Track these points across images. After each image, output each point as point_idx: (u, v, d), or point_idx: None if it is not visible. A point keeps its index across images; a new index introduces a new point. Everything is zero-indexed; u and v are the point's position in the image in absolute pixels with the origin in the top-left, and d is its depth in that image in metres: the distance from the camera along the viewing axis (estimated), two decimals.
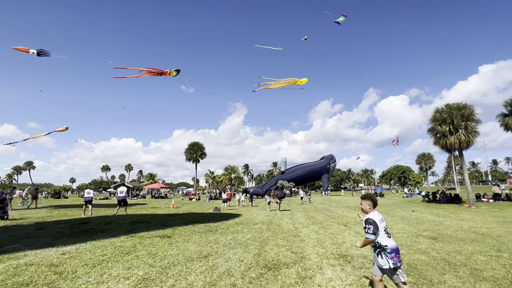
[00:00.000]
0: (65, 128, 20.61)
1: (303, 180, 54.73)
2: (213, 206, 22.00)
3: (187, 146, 38.12)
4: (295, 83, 16.88)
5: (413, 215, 15.23)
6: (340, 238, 8.56)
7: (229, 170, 53.06)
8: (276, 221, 12.62)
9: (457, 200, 24.52)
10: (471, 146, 20.63)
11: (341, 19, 18.29)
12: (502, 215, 14.32)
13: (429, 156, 52.26)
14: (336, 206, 22.70)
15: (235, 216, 15.01)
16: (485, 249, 6.91)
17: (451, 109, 20.81)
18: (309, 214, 16.42)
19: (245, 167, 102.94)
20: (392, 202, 28.12)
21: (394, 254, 3.43)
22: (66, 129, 20.52)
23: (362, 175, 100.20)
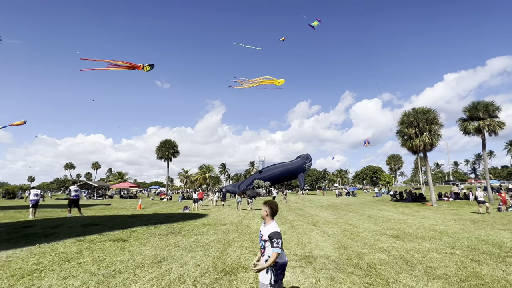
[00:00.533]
0: (23, 122, 18.86)
1: (280, 179, 54.93)
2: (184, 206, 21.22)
3: (159, 144, 36.40)
4: (272, 83, 17.01)
5: (380, 213, 15.73)
6: (306, 238, 8.46)
7: (203, 169, 51.78)
8: (246, 222, 12.34)
9: (421, 199, 25.92)
10: (434, 148, 21.87)
11: (315, 23, 18.55)
12: (459, 213, 15.24)
13: (398, 157, 55.15)
14: (309, 206, 22.95)
15: (204, 216, 14.51)
16: (441, 247, 7.14)
17: (417, 113, 21.90)
18: (281, 213, 16.35)
19: (222, 166, 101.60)
20: (363, 201, 29.09)
21: (281, 271, 3.12)
22: (24, 123, 18.86)
23: (337, 175, 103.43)
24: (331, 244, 7.61)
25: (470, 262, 5.72)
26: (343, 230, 9.95)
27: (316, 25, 18.54)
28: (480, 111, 21.97)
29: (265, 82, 17.07)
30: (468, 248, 6.97)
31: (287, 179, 57.29)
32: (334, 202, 27.11)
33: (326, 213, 16.22)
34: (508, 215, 13.93)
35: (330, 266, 5.60)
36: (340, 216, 14.49)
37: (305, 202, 27.73)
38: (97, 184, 39.66)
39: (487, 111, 21.79)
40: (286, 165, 52.26)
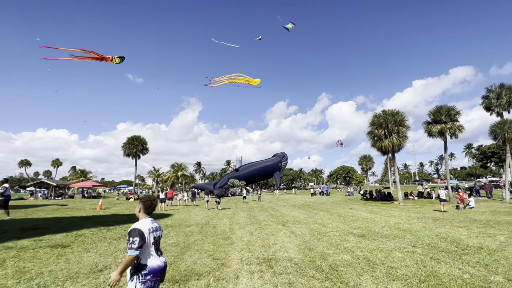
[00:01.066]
0: None
1: (256, 178, 54.45)
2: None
3: (126, 140, 34.15)
4: (248, 82, 16.97)
5: (350, 212, 15.94)
6: (273, 239, 8.12)
7: (176, 167, 49.83)
8: (213, 222, 11.78)
9: (389, 198, 26.97)
10: (402, 149, 22.78)
11: (290, 26, 18.68)
12: (422, 211, 15.89)
13: (369, 158, 57.49)
14: (282, 205, 22.86)
15: (169, 217, 13.72)
16: (403, 245, 7.14)
17: (386, 115, 22.67)
18: (252, 213, 15.98)
19: (197, 165, 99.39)
20: (335, 200, 29.68)
21: (151, 277, 2.59)
22: None
23: (312, 175, 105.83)
24: (296, 245, 7.33)
25: (430, 261, 5.69)
26: (312, 230, 9.77)
27: (290, 28, 18.73)
28: (442, 114, 23.28)
29: (240, 80, 17.03)
30: (428, 246, 7.03)
31: (263, 177, 57.05)
32: (307, 201, 27.33)
33: (297, 213, 16.12)
34: (465, 213, 14.74)
35: (291, 269, 5.26)
36: (311, 216, 14.42)
37: (279, 202, 27.67)
38: (56, 183, 36.39)
39: (449, 115, 23.14)
40: (262, 163, 51.92)
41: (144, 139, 34.48)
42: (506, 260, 5.69)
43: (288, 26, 18.62)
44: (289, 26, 18.63)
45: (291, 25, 18.64)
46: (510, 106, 26.77)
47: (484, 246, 6.88)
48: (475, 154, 55.29)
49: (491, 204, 19.39)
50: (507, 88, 26.86)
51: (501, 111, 27.16)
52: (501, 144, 24.70)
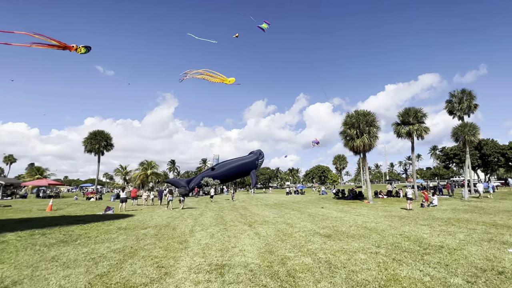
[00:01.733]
0: None
1: (233, 176, 53.18)
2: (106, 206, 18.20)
3: (87, 135, 31.43)
4: (222, 81, 17.00)
5: (321, 211, 15.81)
6: (233, 242, 7.51)
7: (145, 165, 47.27)
8: (175, 224, 10.92)
9: (361, 197, 27.59)
10: (373, 149, 23.36)
11: (264, 26, 18.76)
12: (390, 210, 16.18)
13: (343, 158, 59.24)
14: (255, 204, 22.39)
15: (127, 218, 12.61)
16: (367, 246, 6.87)
17: (358, 115, 23.06)
18: (221, 213, 15.28)
19: (171, 163, 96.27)
20: (309, 199, 29.83)
21: None
22: None
23: (289, 174, 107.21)
24: (257, 248, 6.78)
25: (392, 263, 5.40)
26: (278, 230, 9.30)
27: (265, 27, 18.81)
28: (410, 116, 24.17)
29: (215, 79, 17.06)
30: (392, 246, 6.83)
31: (239, 175, 56.00)
32: (281, 201, 27.14)
33: (268, 212, 15.68)
34: (429, 211, 15.21)
35: (244, 277, 4.68)
36: (281, 215, 14.04)
37: (253, 201, 27.20)
38: (4, 182, 32.76)
39: (416, 117, 24.08)
40: (239, 161, 50.76)
41: (108, 134, 31.97)
42: (465, 259, 5.56)
43: (263, 26, 18.70)
44: (263, 26, 18.71)
45: (265, 25, 18.73)
46: (471, 110, 28.57)
47: (444, 245, 6.80)
48: (439, 155, 59.10)
49: (452, 202, 20.38)
50: (467, 93, 28.61)
51: (462, 115, 28.89)
52: (462, 146, 26.23)
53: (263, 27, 18.77)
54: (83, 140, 31.08)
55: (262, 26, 18.75)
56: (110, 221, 11.69)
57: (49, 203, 18.03)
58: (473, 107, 28.55)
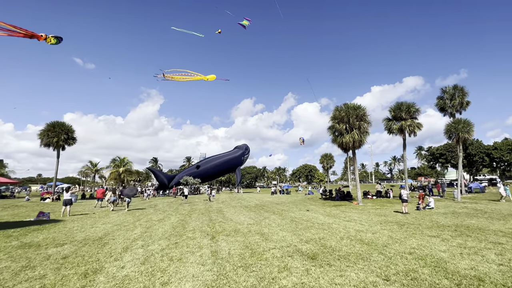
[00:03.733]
0: None
1: (216, 174, 49.53)
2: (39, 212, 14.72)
3: (45, 126, 27.16)
4: (201, 79, 16.86)
5: (305, 215, 13.58)
6: (171, 271, 5.01)
7: (117, 162, 43.26)
8: (114, 235, 8.27)
9: (349, 197, 25.73)
10: (363, 145, 21.39)
11: (245, 23, 18.51)
12: (383, 213, 14.17)
13: (330, 157, 57.68)
14: (233, 206, 19.92)
15: (55, 226, 9.80)
16: (371, 277, 4.59)
17: (348, 108, 21.05)
18: (187, 218, 12.70)
19: (154, 161, 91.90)
20: (294, 199, 27.70)
21: None
22: None
23: (276, 173, 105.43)
24: (203, 282, 4.34)
25: None
26: (246, 246, 6.89)
27: (247, 24, 18.58)
28: (403, 111, 22.44)
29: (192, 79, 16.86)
30: (407, 277, 4.58)
31: (224, 173, 52.38)
32: (264, 201, 24.82)
33: (244, 217, 13.27)
34: (428, 214, 13.31)
35: None
36: (258, 221, 11.66)
37: (233, 202, 24.71)
38: None
39: (409, 112, 22.38)
40: (224, 157, 47.27)
41: (70, 127, 27.86)
42: None
43: (244, 23, 18.44)
44: (244, 23, 18.45)
45: (246, 22, 18.48)
46: (463, 107, 27.37)
47: (481, 275, 4.63)
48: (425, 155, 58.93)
49: (446, 204, 18.75)
50: (459, 89, 27.40)
51: (454, 112, 27.64)
52: (455, 143, 24.88)
53: (244, 24, 18.47)
54: (39, 133, 27.19)
55: (243, 23, 18.45)
56: (27, 229, 8.91)
57: None
58: (465, 104, 27.36)
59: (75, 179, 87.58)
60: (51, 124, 27.34)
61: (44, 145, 27.09)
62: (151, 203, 24.84)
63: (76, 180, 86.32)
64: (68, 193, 14.05)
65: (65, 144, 28.09)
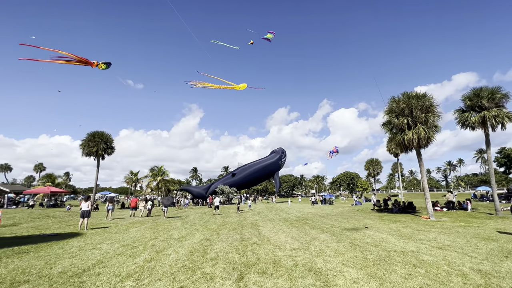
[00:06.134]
0: None
1: (254, 181, 46.65)
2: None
3: (86, 137, 27.84)
4: (232, 88, 16.99)
5: (367, 235, 10.08)
6: None
7: (155, 171, 43.34)
8: (107, 264, 5.97)
9: (411, 209, 21.00)
10: (431, 144, 16.98)
11: (269, 36, 18.55)
12: (482, 234, 9.93)
13: (377, 162, 51.50)
14: (270, 219, 16.97)
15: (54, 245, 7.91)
16: None
17: (409, 98, 16.94)
18: (214, 235, 10.12)
19: (193, 171, 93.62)
20: (340, 211, 23.71)
21: None
22: None
23: (314, 181, 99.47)
24: None
25: None
26: None
27: (271, 37, 18.64)
28: (484, 98, 17.52)
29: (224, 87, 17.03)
30: None
31: (262, 179, 49.31)
32: (305, 213, 21.40)
33: (285, 235, 10.27)
34: None
35: None
36: (305, 243, 8.59)
37: (270, 213, 21.74)
38: (9, 189, 30.77)
39: (493, 98, 17.39)
40: (261, 163, 44.46)
41: (108, 136, 28.31)
42: None
43: (268, 37, 18.58)
44: (268, 36, 18.58)
45: (270, 35, 18.59)
46: None
47: None
48: (497, 157, 49.17)
49: None
50: None
51: None
52: None
53: (268, 37, 18.58)
54: (81, 143, 27.95)
55: (267, 37, 18.56)
56: (17, 250, 7.16)
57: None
58: None
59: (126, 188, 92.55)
60: (91, 134, 27.92)
61: (86, 154, 27.66)
62: (185, 213, 23.28)
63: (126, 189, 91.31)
64: (86, 203, 12.59)
65: (104, 153, 28.36)
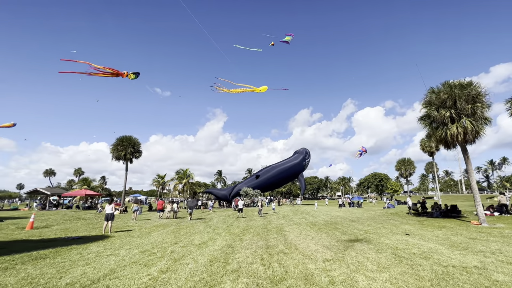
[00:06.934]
0: (12, 124, 17.87)
1: (278, 183, 45.45)
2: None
3: (115, 141, 29.01)
4: (253, 91, 17.03)
5: (412, 245, 8.73)
6: None
7: (180, 174, 43.95)
8: (118, 274, 5.44)
9: (455, 213, 18.74)
10: (479, 138, 14.90)
11: (288, 39, 18.46)
12: None
13: (409, 162, 47.70)
14: (297, 223, 15.92)
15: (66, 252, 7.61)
16: None
17: (451, 88, 15.03)
18: (236, 242, 9.38)
19: (218, 174, 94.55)
20: (371, 214, 21.93)
21: None
22: (14, 125, 17.92)
23: (339, 183, 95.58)
24: None
25: None
26: None
27: (289, 40, 18.57)
28: None
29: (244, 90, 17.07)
30: None
31: (286, 181, 47.95)
32: (333, 217, 20.01)
33: (315, 242, 9.24)
34: None
35: None
36: (339, 253, 7.52)
37: (296, 216, 20.63)
38: (50, 192, 32.82)
39: None
40: (284, 164, 43.17)
41: (136, 140, 29.18)
42: None
43: (287, 39, 18.50)
44: (287, 39, 18.51)
45: (288, 37, 18.53)
46: None
47: None
48: None
49: None
50: None
51: None
52: None
53: (287, 39, 18.48)
54: (111, 147, 29.11)
55: (286, 40, 18.46)
56: (34, 255, 6.95)
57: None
58: None
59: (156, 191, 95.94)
60: (120, 139, 28.99)
61: (115, 158, 28.73)
62: (209, 215, 23.05)
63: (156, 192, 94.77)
64: (110, 206, 12.53)
65: (132, 157, 29.22)
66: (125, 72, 12.09)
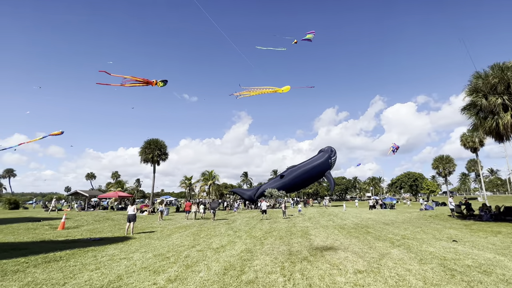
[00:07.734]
0: (60, 132, 19.21)
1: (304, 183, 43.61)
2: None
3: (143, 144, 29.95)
4: (275, 91, 16.94)
5: (462, 254, 7.36)
6: None
7: (206, 176, 44.36)
8: (124, 282, 5.00)
9: (509, 216, 16.28)
10: None
11: (309, 36, 18.30)
12: None
13: (448, 159, 43.35)
14: (323, 226, 14.81)
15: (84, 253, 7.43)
16: None
17: (503, 71, 13.00)
18: (257, 246, 8.66)
19: (244, 175, 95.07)
20: (407, 217, 19.94)
21: None
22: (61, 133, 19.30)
23: (369, 184, 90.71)
24: None
25: None
26: None
27: (311, 37, 18.42)
28: None
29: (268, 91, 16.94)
30: None
31: (312, 180, 46.16)
32: (364, 219, 18.49)
33: (344, 249, 8.21)
34: None
35: None
36: (373, 262, 6.48)
37: (323, 218, 19.41)
38: (88, 194, 34.86)
39: None
40: (310, 164, 41.71)
41: (162, 142, 29.97)
42: None
43: (308, 37, 18.35)
44: (309, 36, 18.36)
45: (310, 35, 18.38)
46: None
47: None
48: None
49: None
50: None
51: None
52: None
53: (309, 37, 18.30)
54: (139, 151, 30.16)
55: (307, 37, 18.28)
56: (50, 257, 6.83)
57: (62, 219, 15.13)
58: None
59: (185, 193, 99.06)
60: (147, 142, 29.97)
61: (144, 161, 29.73)
62: (233, 217, 22.69)
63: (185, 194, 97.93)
64: (132, 207, 12.53)
65: (159, 159, 29.99)
66: (154, 80, 12.60)
